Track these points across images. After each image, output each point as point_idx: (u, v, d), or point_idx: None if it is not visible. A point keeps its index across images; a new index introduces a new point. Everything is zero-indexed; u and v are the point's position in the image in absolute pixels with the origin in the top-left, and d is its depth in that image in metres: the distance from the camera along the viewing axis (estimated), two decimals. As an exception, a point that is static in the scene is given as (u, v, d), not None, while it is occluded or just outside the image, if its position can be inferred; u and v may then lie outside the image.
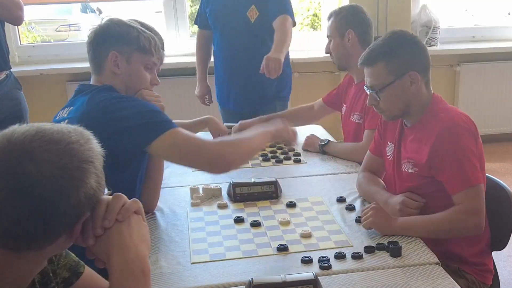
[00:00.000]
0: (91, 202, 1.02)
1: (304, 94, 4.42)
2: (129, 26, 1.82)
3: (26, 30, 4.81)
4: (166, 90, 4.32)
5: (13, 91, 3.02)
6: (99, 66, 1.83)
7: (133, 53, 1.81)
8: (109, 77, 1.82)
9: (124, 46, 1.80)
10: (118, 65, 1.80)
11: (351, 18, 2.54)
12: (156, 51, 1.85)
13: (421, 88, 1.84)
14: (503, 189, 1.90)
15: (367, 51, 1.89)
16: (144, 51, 1.82)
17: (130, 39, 1.80)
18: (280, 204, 1.98)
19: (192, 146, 1.67)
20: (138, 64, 1.83)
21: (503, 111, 4.78)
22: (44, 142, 0.96)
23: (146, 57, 1.83)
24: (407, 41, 1.86)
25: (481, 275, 1.84)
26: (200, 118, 2.72)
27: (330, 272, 1.52)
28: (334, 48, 2.57)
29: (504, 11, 5.15)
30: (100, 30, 1.83)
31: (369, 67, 1.87)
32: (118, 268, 1.03)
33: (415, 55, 1.84)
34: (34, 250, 0.98)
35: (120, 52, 1.79)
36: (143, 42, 1.81)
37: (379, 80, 1.84)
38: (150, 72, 1.87)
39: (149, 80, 1.87)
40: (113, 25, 1.82)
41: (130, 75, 1.82)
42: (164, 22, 4.39)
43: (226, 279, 1.50)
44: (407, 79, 1.81)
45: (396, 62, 1.82)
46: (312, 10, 5.31)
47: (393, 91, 1.83)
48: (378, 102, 1.87)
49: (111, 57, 1.79)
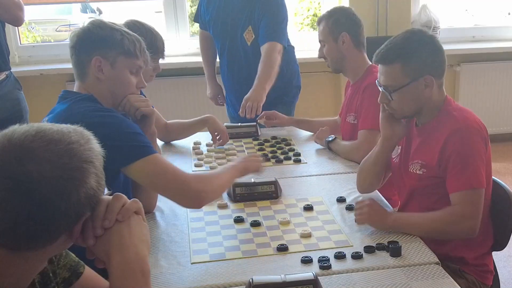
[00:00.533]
0: (91, 202, 1.02)
1: (304, 94, 4.41)
2: (112, 29, 1.75)
3: (26, 30, 4.81)
4: (166, 90, 4.33)
5: (13, 92, 3.02)
6: (82, 72, 1.76)
7: (117, 57, 1.74)
8: (93, 83, 1.75)
9: (108, 50, 1.73)
10: (102, 70, 1.73)
11: (344, 20, 2.52)
12: (141, 53, 1.79)
13: (434, 91, 1.82)
14: (503, 189, 1.90)
15: (384, 48, 1.82)
16: (129, 54, 1.75)
17: (114, 43, 1.73)
18: (280, 204, 1.98)
19: (172, 178, 1.63)
20: (123, 68, 1.76)
21: (503, 111, 4.78)
22: (44, 142, 0.96)
23: (131, 61, 1.76)
24: (426, 43, 1.81)
25: (481, 276, 1.84)
26: (199, 118, 2.73)
27: (330, 272, 1.52)
28: (328, 53, 2.55)
29: (504, 11, 5.15)
30: (82, 33, 1.75)
31: (385, 65, 1.82)
32: (118, 268, 1.03)
33: (433, 58, 1.81)
34: (34, 250, 0.98)
35: (104, 56, 1.72)
36: (128, 45, 1.74)
37: (394, 81, 1.80)
38: (136, 75, 1.80)
39: (135, 84, 1.81)
40: (96, 28, 1.75)
41: (115, 80, 1.75)
42: (164, 22, 4.39)
43: (226, 279, 1.50)
44: (421, 82, 1.79)
45: (413, 64, 1.78)
46: (312, 10, 5.31)
47: (407, 93, 1.80)
48: (390, 101, 1.84)
49: (95, 63, 1.72)
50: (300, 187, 2.15)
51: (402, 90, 1.80)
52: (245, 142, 2.72)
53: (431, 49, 1.81)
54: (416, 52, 1.78)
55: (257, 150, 2.61)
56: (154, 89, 4.10)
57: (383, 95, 1.85)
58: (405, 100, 1.82)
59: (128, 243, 1.05)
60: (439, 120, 1.82)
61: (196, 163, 2.43)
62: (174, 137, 2.74)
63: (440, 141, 1.77)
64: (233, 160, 2.00)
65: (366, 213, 1.75)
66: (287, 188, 2.11)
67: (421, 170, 1.83)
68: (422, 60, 1.78)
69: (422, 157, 1.83)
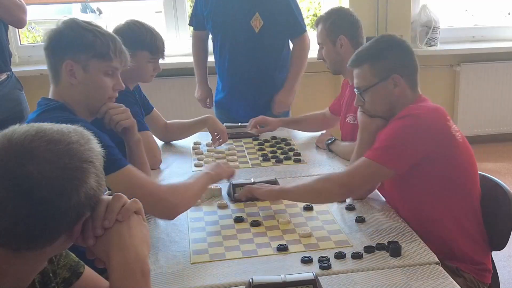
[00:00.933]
0: (91, 202, 1.02)
1: (304, 94, 4.42)
2: (84, 30, 1.67)
3: (26, 30, 4.81)
4: (166, 90, 4.33)
5: (14, 92, 3.03)
6: (55, 76, 1.70)
7: (90, 61, 1.66)
8: (67, 88, 1.68)
9: (80, 53, 1.65)
10: (74, 74, 1.66)
11: (341, 23, 2.50)
12: (116, 54, 1.71)
13: (406, 92, 1.88)
14: (503, 189, 1.90)
15: (355, 53, 1.96)
16: (102, 57, 1.67)
17: (86, 45, 1.65)
18: (280, 204, 1.98)
19: (148, 193, 1.62)
20: (97, 71, 1.68)
21: (503, 111, 4.78)
22: (44, 142, 0.96)
23: (105, 63, 1.68)
24: (394, 45, 1.92)
25: (479, 274, 1.84)
26: (199, 118, 2.73)
27: (330, 272, 1.52)
28: (327, 55, 2.55)
29: (504, 11, 5.15)
30: (53, 35, 1.68)
31: (356, 68, 1.93)
32: (118, 268, 1.03)
33: (401, 59, 1.89)
34: (34, 250, 0.98)
35: (75, 60, 1.65)
36: (100, 47, 1.66)
37: (364, 81, 1.90)
38: (112, 77, 1.73)
39: (112, 86, 1.74)
40: (67, 29, 1.67)
41: (88, 85, 1.68)
42: (164, 22, 4.39)
43: (226, 279, 1.50)
44: (390, 82, 1.87)
45: (381, 64, 1.88)
46: (312, 10, 5.31)
47: (377, 92, 1.89)
48: (364, 103, 1.93)
49: (66, 67, 1.65)
50: (300, 187, 2.14)
51: (372, 90, 1.89)
52: (245, 142, 2.72)
53: (398, 50, 1.91)
54: (383, 53, 1.90)
55: (257, 150, 2.61)
56: (154, 89, 4.10)
57: (358, 97, 1.96)
58: (376, 100, 1.91)
59: (128, 243, 1.05)
60: (397, 115, 1.86)
61: (196, 163, 2.43)
62: (174, 137, 2.75)
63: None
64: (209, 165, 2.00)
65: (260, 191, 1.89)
66: (287, 188, 2.11)
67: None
68: (390, 60, 1.88)
69: None
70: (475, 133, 4.64)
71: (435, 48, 4.53)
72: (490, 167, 4.17)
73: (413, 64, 1.92)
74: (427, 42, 4.51)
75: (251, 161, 2.47)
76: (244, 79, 3.08)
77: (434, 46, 4.54)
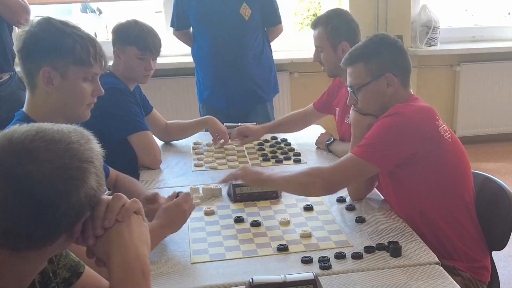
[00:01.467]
0: (91, 202, 1.01)
1: (304, 94, 4.42)
2: (63, 33, 1.56)
3: (26, 30, 4.82)
4: (165, 90, 4.33)
5: (16, 92, 3.03)
6: (31, 83, 1.61)
7: (68, 67, 1.57)
8: (43, 96, 1.60)
9: (58, 59, 1.55)
10: (51, 81, 1.57)
11: (343, 28, 2.44)
12: (96, 59, 1.60)
13: (399, 90, 1.89)
14: (503, 189, 1.90)
15: (349, 52, 1.96)
16: (81, 63, 1.57)
17: (65, 50, 1.55)
18: (280, 204, 1.98)
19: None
20: (76, 78, 1.59)
21: (503, 111, 4.77)
22: (44, 142, 0.96)
23: (84, 70, 1.59)
24: (387, 44, 1.92)
25: (477, 273, 1.84)
26: (199, 119, 2.74)
27: (330, 272, 1.53)
28: (326, 60, 2.49)
29: (504, 11, 5.15)
30: (29, 38, 1.57)
31: (349, 66, 1.93)
32: (118, 269, 1.03)
33: (394, 58, 1.89)
34: (34, 250, 0.98)
35: (53, 66, 1.56)
36: (80, 52, 1.56)
37: (357, 80, 1.90)
38: (92, 82, 1.64)
39: (91, 92, 1.65)
40: (44, 32, 1.56)
41: (66, 92, 1.59)
42: (164, 22, 4.38)
43: (226, 279, 1.50)
44: (383, 80, 1.87)
45: (374, 63, 1.88)
46: (312, 10, 5.30)
47: (370, 91, 1.89)
48: (357, 101, 1.93)
49: (43, 74, 1.56)
50: (300, 187, 2.14)
51: (365, 88, 1.90)
52: (245, 142, 2.72)
53: (392, 49, 1.91)
54: (377, 52, 1.90)
55: (257, 150, 2.61)
56: (154, 89, 4.10)
57: (351, 96, 1.96)
58: (369, 98, 1.91)
59: (128, 243, 1.05)
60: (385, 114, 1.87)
61: (196, 163, 2.43)
62: (174, 137, 2.75)
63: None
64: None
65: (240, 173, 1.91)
66: (287, 188, 2.10)
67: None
68: (383, 59, 1.89)
69: None
70: (475, 133, 4.64)
71: (435, 48, 4.53)
72: (490, 167, 4.16)
73: (406, 64, 1.92)
74: (427, 42, 4.51)
75: (251, 161, 2.47)
76: (232, 67, 3.18)
77: (434, 46, 4.54)
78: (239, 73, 3.20)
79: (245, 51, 3.18)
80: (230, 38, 3.16)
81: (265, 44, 3.31)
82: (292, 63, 4.40)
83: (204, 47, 3.24)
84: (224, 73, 3.22)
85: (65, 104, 1.64)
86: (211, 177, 2.26)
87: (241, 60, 3.19)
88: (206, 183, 2.15)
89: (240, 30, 3.15)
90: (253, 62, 3.24)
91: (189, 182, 2.22)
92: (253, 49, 3.22)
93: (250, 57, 3.21)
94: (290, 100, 4.51)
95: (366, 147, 1.80)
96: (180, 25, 3.34)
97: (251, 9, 3.14)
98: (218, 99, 3.28)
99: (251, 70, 3.23)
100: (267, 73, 3.32)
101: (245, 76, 3.21)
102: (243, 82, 3.22)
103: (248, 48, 3.19)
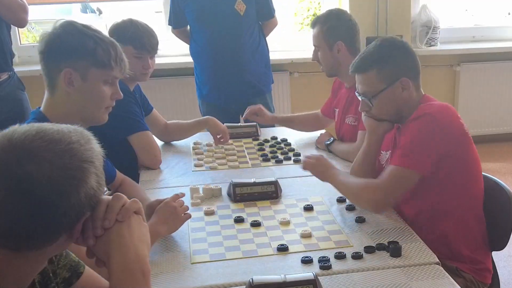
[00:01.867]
0: (92, 202, 1.02)
1: (304, 94, 4.43)
2: (85, 36, 1.59)
3: (26, 30, 4.82)
4: (165, 90, 4.33)
5: (15, 92, 3.03)
6: (51, 83, 1.64)
7: (89, 69, 1.60)
8: (63, 97, 1.63)
9: (79, 61, 1.58)
10: (72, 83, 1.60)
11: (340, 28, 2.47)
12: (117, 63, 1.64)
13: (412, 93, 1.87)
14: (503, 189, 1.90)
15: (358, 59, 1.91)
16: (102, 66, 1.60)
17: (86, 53, 1.58)
18: (280, 204, 1.98)
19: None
20: (96, 80, 1.62)
21: (503, 111, 4.77)
22: (44, 142, 0.96)
23: (105, 72, 1.62)
24: (398, 48, 1.89)
25: (479, 274, 1.84)
26: (199, 119, 2.74)
27: (330, 272, 1.52)
28: (323, 59, 2.53)
29: (504, 11, 5.15)
30: (52, 40, 1.61)
31: (360, 74, 1.89)
32: (118, 269, 1.03)
33: (406, 61, 1.87)
34: (34, 250, 0.98)
35: (74, 68, 1.59)
36: (101, 55, 1.60)
37: (372, 87, 1.87)
38: (111, 85, 1.67)
39: (110, 95, 1.68)
40: (67, 35, 1.60)
41: (86, 94, 1.62)
42: (164, 22, 4.38)
43: (226, 279, 1.50)
44: (398, 85, 1.85)
45: (388, 69, 1.85)
46: (312, 10, 5.30)
47: (385, 97, 1.86)
48: (371, 108, 1.90)
49: (65, 75, 1.59)
50: (300, 187, 2.14)
51: (381, 96, 1.86)
52: (245, 142, 2.72)
53: (403, 52, 1.89)
54: (389, 57, 1.86)
55: (257, 150, 2.61)
56: (154, 89, 4.10)
57: (363, 103, 1.92)
58: (385, 105, 1.88)
59: (128, 243, 1.05)
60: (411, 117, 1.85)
61: (196, 163, 2.43)
62: (174, 137, 2.75)
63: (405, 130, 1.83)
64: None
65: (312, 162, 1.91)
66: (287, 188, 2.11)
67: None
68: (396, 63, 1.86)
69: None
70: (475, 133, 4.61)
71: (435, 48, 4.53)
72: (490, 167, 4.16)
73: (417, 65, 1.90)
74: (427, 42, 4.51)
75: (251, 161, 2.47)
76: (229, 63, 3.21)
77: (434, 46, 4.53)
78: (237, 68, 3.23)
79: (242, 46, 3.21)
80: (226, 34, 3.18)
81: (261, 38, 3.35)
82: (292, 63, 4.40)
83: (201, 44, 3.28)
84: (222, 69, 3.24)
85: (84, 106, 1.66)
86: (211, 177, 2.26)
87: (239, 55, 3.22)
88: (206, 183, 2.15)
89: (236, 25, 3.18)
90: (250, 57, 3.27)
91: (189, 182, 2.22)
92: (249, 43, 3.25)
93: (247, 52, 3.25)
94: (290, 100, 4.51)
95: (404, 155, 1.75)
96: (177, 23, 3.37)
97: (246, 4, 3.17)
98: (217, 95, 3.31)
99: (249, 64, 3.27)
100: (264, 66, 3.37)
101: (243, 70, 3.24)
102: (241, 77, 3.24)
103: (245, 43, 3.22)
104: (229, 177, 2.17)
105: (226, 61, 3.22)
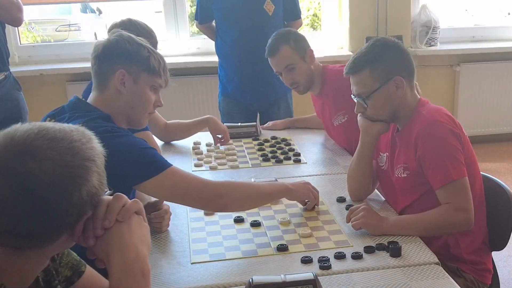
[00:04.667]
0: (93, 200, 1.02)
1: (303, 95, 4.41)
2: (140, 45, 1.74)
3: (26, 30, 4.82)
4: (165, 90, 4.31)
5: (12, 92, 3.03)
6: (103, 83, 1.74)
7: (141, 73, 1.72)
8: (113, 95, 1.73)
9: (133, 65, 1.71)
10: (124, 84, 1.71)
11: (301, 37, 2.62)
12: (164, 72, 1.78)
13: (407, 93, 1.87)
14: (503, 189, 1.90)
15: (352, 60, 1.90)
16: (153, 72, 1.74)
17: (140, 59, 1.72)
18: (280, 204, 1.98)
19: (195, 193, 1.66)
20: (145, 84, 1.74)
21: (503, 111, 4.77)
22: (46, 140, 0.96)
23: (153, 78, 1.75)
24: (390, 47, 1.89)
25: (480, 275, 1.84)
26: (200, 118, 2.73)
27: (330, 272, 1.53)
28: (301, 74, 2.57)
29: (504, 11, 5.15)
30: (109, 45, 1.74)
31: (355, 75, 1.89)
32: (118, 269, 1.03)
33: (399, 60, 1.87)
34: (36, 248, 0.99)
35: (128, 70, 1.71)
36: (153, 63, 1.74)
37: (366, 87, 1.86)
38: (155, 93, 1.79)
39: (153, 102, 1.79)
40: (124, 41, 1.73)
41: (135, 95, 1.74)
42: (164, 22, 4.39)
43: (226, 279, 1.50)
44: (392, 84, 1.84)
45: (381, 68, 1.84)
46: (312, 10, 5.31)
47: (380, 97, 1.86)
48: (366, 109, 1.89)
49: (119, 75, 1.70)
50: (300, 187, 2.14)
51: (375, 95, 1.85)
52: (245, 142, 2.72)
53: (395, 51, 1.88)
54: (381, 56, 1.86)
55: (257, 150, 2.61)
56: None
57: (358, 104, 1.91)
58: (380, 105, 1.87)
59: (128, 244, 1.05)
60: (411, 121, 1.86)
61: (196, 163, 2.43)
62: (174, 137, 2.75)
63: (412, 140, 1.81)
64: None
65: (362, 217, 1.73)
66: (287, 188, 2.10)
67: (405, 173, 1.86)
68: (388, 62, 1.85)
69: (403, 161, 1.87)
70: (475, 133, 4.63)
71: (435, 48, 4.53)
72: (490, 167, 4.17)
73: (411, 64, 1.90)
74: (427, 42, 4.51)
75: (251, 161, 2.47)
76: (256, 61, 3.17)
77: (434, 46, 4.53)
78: (263, 67, 3.17)
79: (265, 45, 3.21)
80: (254, 33, 3.19)
81: None
82: (292, 63, 4.39)
83: (229, 42, 3.29)
84: (249, 68, 3.25)
85: (131, 107, 1.74)
86: (211, 177, 2.25)
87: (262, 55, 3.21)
88: (206, 183, 2.15)
89: (263, 25, 3.19)
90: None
91: (189, 182, 2.21)
92: None
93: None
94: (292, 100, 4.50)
95: (450, 167, 1.73)
96: (204, 19, 3.38)
97: (275, 4, 3.20)
98: (244, 92, 3.32)
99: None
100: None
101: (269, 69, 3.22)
102: (267, 75, 3.18)
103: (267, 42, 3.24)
104: (229, 177, 2.18)
105: (253, 60, 3.22)
